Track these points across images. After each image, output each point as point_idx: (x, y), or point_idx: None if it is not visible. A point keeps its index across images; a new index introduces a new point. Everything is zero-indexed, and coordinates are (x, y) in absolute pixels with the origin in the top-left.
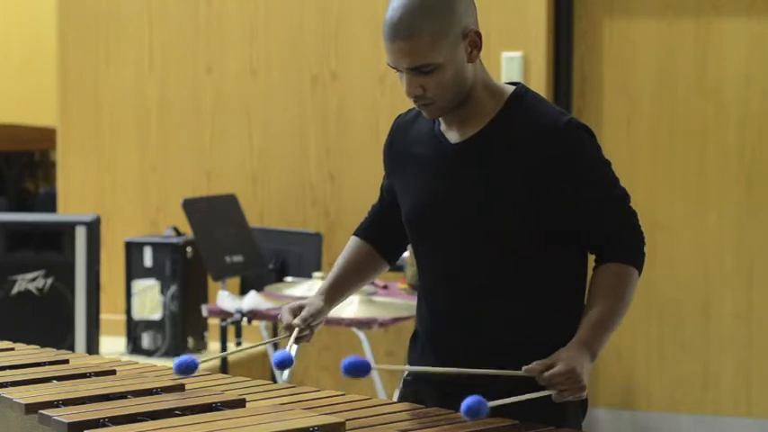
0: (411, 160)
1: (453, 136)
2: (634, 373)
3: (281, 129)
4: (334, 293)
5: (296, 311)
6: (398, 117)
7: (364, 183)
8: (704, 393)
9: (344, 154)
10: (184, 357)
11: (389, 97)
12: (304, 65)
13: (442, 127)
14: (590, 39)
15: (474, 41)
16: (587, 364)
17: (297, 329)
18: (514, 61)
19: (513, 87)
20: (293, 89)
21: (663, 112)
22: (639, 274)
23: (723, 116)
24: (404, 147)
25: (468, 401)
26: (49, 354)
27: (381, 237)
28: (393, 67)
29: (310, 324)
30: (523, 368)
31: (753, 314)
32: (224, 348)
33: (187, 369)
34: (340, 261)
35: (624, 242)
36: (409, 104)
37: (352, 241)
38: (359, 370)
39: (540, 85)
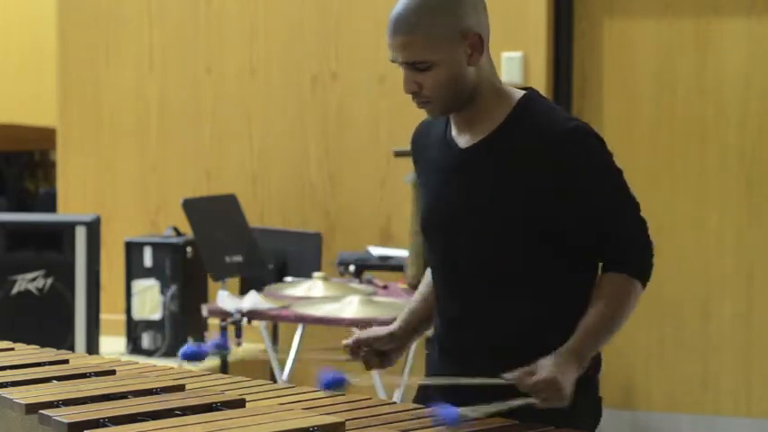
0: (425, 164)
1: (462, 141)
2: (634, 373)
3: (281, 129)
4: (410, 319)
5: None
6: (422, 121)
7: (364, 183)
8: (704, 393)
9: (344, 154)
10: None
11: (389, 97)
12: (304, 65)
13: (453, 132)
14: (590, 39)
15: (474, 44)
16: (572, 372)
17: (350, 349)
18: (514, 61)
19: (523, 92)
20: (293, 89)
21: (663, 112)
22: (644, 285)
23: (723, 116)
24: (421, 150)
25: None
26: (49, 354)
27: None
28: (393, 62)
29: (372, 346)
30: (506, 375)
31: (753, 314)
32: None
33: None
34: (418, 289)
35: (631, 253)
36: (408, 105)
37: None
38: (337, 385)
39: (540, 85)
